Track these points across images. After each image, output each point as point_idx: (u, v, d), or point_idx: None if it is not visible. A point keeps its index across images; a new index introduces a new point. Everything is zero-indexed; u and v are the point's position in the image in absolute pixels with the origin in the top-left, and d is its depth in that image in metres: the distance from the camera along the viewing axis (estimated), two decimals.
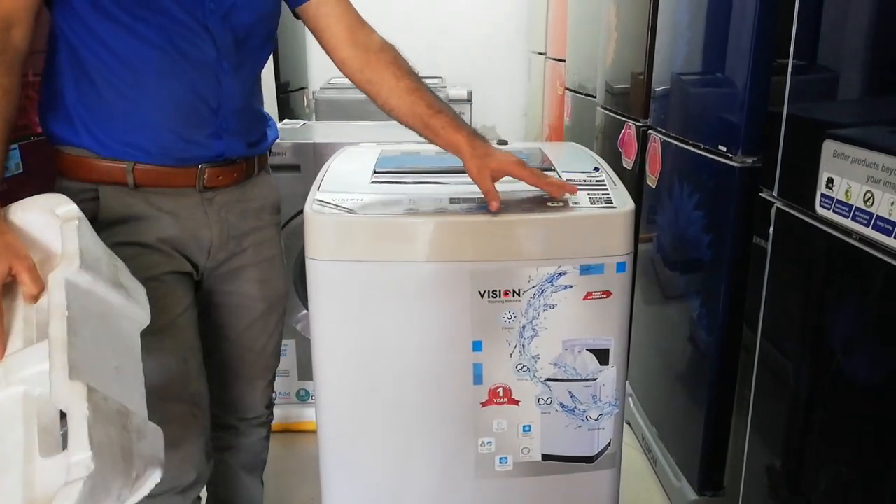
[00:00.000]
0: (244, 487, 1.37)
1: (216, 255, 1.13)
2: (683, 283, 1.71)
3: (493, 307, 1.06)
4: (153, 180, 1.04)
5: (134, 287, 0.94)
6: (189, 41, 1.00)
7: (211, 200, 1.09)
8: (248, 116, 1.12)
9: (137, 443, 0.77)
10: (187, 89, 1.02)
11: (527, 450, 1.13)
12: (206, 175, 1.07)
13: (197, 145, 1.05)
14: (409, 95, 1.11)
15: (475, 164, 1.06)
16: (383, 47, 1.15)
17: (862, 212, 0.95)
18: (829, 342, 1.05)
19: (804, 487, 1.13)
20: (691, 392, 1.67)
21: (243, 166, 1.12)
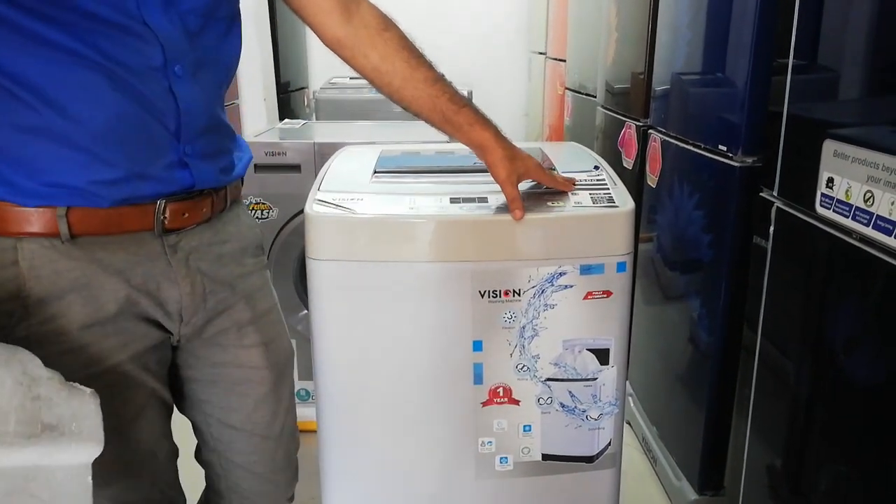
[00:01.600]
0: None
1: (190, 319, 0.87)
2: (684, 282, 1.71)
3: (493, 307, 1.06)
4: (96, 227, 0.77)
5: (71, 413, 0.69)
6: (122, 45, 0.74)
7: (175, 247, 0.83)
8: (218, 134, 0.87)
9: None
10: (130, 109, 0.76)
11: (527, 449, 1.13)
12: (168, 214, 0.80)
13: (154, 180, 0.79)
14: (428, 87, 0.95)
15: (504, 167, 0.96)
16: (385, 24, 0.95)
17: (862, 211, 0.95)
18: (830, 342, 1.05)
19: (804, 487, 1.13)
20: (691, 392, 1.67)
21: (212, 199, 0.86)
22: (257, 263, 0.97)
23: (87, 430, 0.70)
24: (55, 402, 0.68)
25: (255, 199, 1.87)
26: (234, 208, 0.93)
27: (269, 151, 1.85)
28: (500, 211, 1.05)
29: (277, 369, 0.97)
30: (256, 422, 0.95)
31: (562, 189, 1.08)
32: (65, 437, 0.68)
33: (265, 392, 0.95)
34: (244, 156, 0.96)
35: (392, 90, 0.97)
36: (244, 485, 0.98)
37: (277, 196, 1.88)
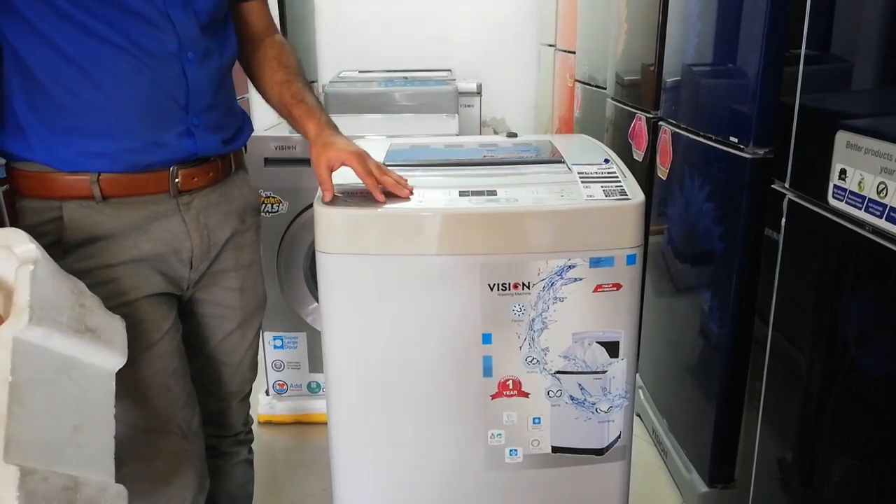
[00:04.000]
0: None
1: (199, 265, 1.05)
2: (694, 275, 1.70)
3: (502, 300, 1.06)
4: (122, 190, 0.95)
5: (106, 326, 0.86)
6: (147, 34, 0.92)
7: (188, 206, 1.01)
8: (221, 111, 1.04)
9: None
10: (150, 87, 0.94)
11: (537, 442, 1.14)
12: (180, 178, 0.98)
13: (167, 148, 0.97)
14: (278, 86, 1.13)
15: (315, 152, 1.08)
16: (273, 44, 1.16)
17: (875, 203, 0.94)
18: (842, 334, 1.05)
19: (816, 480, 1.13)
20: (702, 384, 1.66)
21: (219, 165, 1.05)
22: (254, 223, 1.15)
23: (117, 342, 0.87)
24: (96, 314, 0.85)
25: (266, 193, 1.88)
26: (238, 173, 1.12)
27: (278, 145, 1.85)
28: (510, 204, 1.04)
29: (247, 312, 1.15)
30: (221, 349, 1.14)
31: (371, 190, 1.06)
32: (101, 341, 0.84)
33: (233, 328, 1.13)
34: (246, 129, 1.13)
35: (260, 91, 1.17)
36: (204, 401, 1.14)
37: (287, 190, 1.89)
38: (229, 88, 1.07)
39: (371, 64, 3.58)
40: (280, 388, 2.10)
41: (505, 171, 1.19)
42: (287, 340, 2.04)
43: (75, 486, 0.73)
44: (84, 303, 0.84)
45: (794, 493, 1.21)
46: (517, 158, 1.29)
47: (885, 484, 0.95)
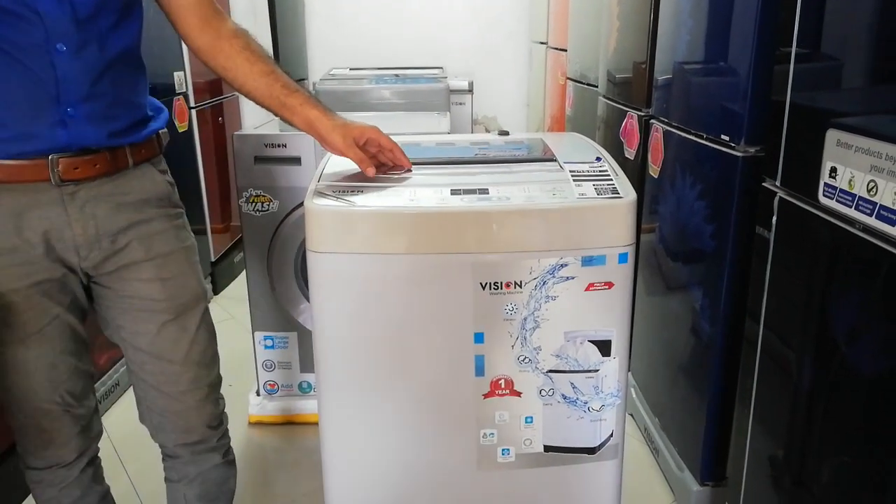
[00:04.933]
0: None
1: (88, 254, 1.04)
2: (686, 273, 1.70)
3: (494, 299, 1.05)
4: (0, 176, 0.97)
5: None
6: (13, 26, 0.93)
7: (73, 195, 1.01)
8: (105, 102, 1.01)
9: None
10: (18, 78, 0.94)
11: (529, 441, 1.13)
12: (61, 167, 0.98)
13: (39, 138, 0.97)
14: (263, 78, 1.10)
15: (339, 134, 1.09)
16: (235, 34, 1.12)
17: (865, 201, 0.95)
18: (833, 332, 1.05)
19: (807, 478, 1.13)
20: (694, 382, 1.67)
21: (107, 157, 1.02)
22: (160, 213, 1.11)
23: None
24: None
25: (256, 192, 1.87)
26: (141, 167, 1.09)
27: (269, 143, 1.84)
28: (502, 202, 1.04)
29: (178, 302, 1.11)
30: (160, 346, 1.11)
31: (401, 157, 1.13)
32: None
33: (166, 320, 1.10)
34: (152, 124, 1.11)
35: (238, 84, 1.12)
36: (157, 402, 1.14)
37: (277, 188, 1.87)
38: (120, 83, 1.04)
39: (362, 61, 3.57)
40: (271, 388, 2.09)
41: (497, 169, 1.19)
42: (278, 340, 2.03)
43: None
44: None
45: (785, 491, 1.22)
46: (509, 157, 1.28)
47: (876, 482, 0.95)
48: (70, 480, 1.17)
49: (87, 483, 1.20)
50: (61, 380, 1.09)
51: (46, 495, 1.17)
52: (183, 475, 1.21)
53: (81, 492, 1.19)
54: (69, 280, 1.06)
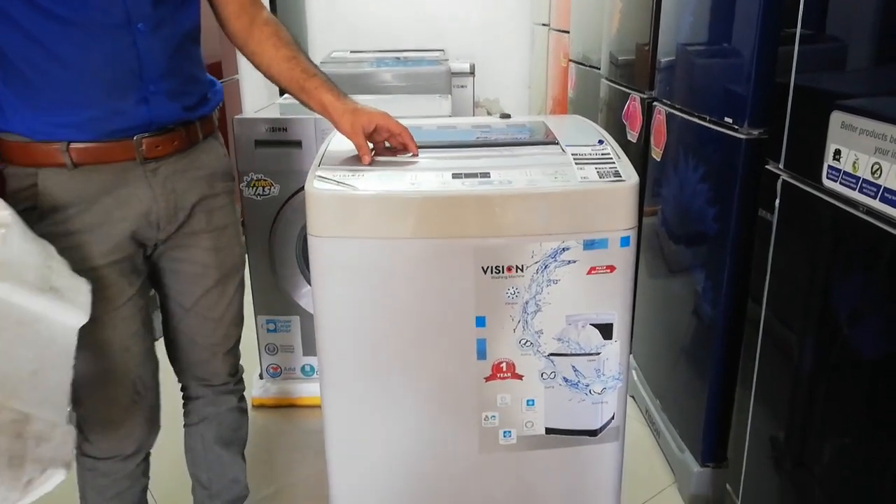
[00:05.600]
0: (223, 464, 1.38)
1: (166, 227, 1.13)
2: (688, 256, 1.70)
3: (496, 283, 1.05)
4: (91, 158, 1.03)
5: (71, 286, 0.94)
6: (96, 7, 0.98)
7: (155, 172, 1.08)
8: (179, 79, 1.09)
9: (35, 449, 0.83)
10: (104, 58, 1.00)
11: (530, 423, 1.14)
12: (144, 146, 1.05)
13: (126, 115, 1.03)
14: (286, 63, 1.16)
15: (347, 120, 1.12)
16: (267, 22, 1.19)
17: (869, 184, 0.94)
18: (835, 315, 1.05)
19: (807, 459, 1.14)
20: (695, 365, 1.67)
21: (183, 133, 1.11)
22: (224, 188, 1.21)
23: (81, 302, 0.96)
24: (62, 276, 0.94)
25: (256, 176, 1.86)
26: (208, 140, 1.18)
27: (269, 127, 1.83)
28: (503, 186, 1.04)
29: (223, 270, 1.22)
30: (202, 305, 1.22)
31: (409, 141, 1.15)
32: (65, 299, 0.92)
33: (211, 285, 1.22)
34: (213, 98, 1.19)
35: (264, 68, 1.19)
36: (190, 350, 1.26)
37: (278, 172, 1.87)
38: (189, 58, 1.12)
39: (362, 44, 3.54)
40: (274, 371, 2.10)
41: (498, 152, 1.18)
42: (280, 324, 2.04)
43: (25, 420, 0.82)
44: (51, 265, 0.93)
45: (785, 472, 1.23)
46: (511, 140, 1.27)
47: (877, 463, 0.96)
48: (124, 473, 1.22)
49: (137, 476, 1.25)
50: (134, 364, 1.14)
51: (96, 483, 1.21)
52: (202, 416, 1.33)
53: (130, 484, 1.24)
54: (139, 260, 1.14)
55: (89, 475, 1.21)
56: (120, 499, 1.24)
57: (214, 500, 1.40)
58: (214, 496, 1.40)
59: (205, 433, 1.35)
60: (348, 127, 1.13)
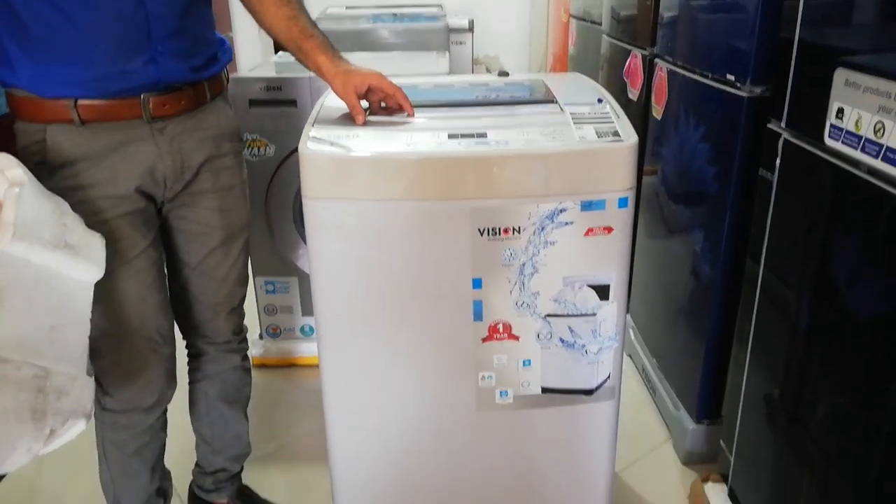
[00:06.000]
0: (226, 421, 1.41)
1: (172, 185, 1.14)
2: (687, 216, 1.69)
3: (492, 245, 1.05)
4: (99, 115, 1.04)
5: (85, 243, 0.96)
6: None
7: (162, 131, 1.09)
8: (188, 39, 1.09)
9: (56, 402, 0.86)
10: (112, 17, 1.00)
11: (527, 383, 1.15)
12: (152, 105, 1.06)
13: (133, 74, 1.04)
14: (285, 21, 1.16)
15: (339, 81, 1.12)
16: None
17: (871, 143, 0.93)
18: (833, 275, 1.05)
19: (802, 416, 1.15)
20: (692, 324, 1.68)
21: (191, 93, 1.11)
22: (231, 148, 1.22)
23: (95, 258, 0.98)
24: (76, 232, 0.96)
25: (252, 136, 1.84)
26: (217, 101, 1.19)
27: (264, 86, 1.80)
28: (500, 147, 1.02)
29: (228, 231, 1.24)
30: (207, 264, 1.25)
31: (404, 101, 1.14)
32: (79, 255, 0.94)
33: (216, 245, 1.24)
34: (222, 58, 1.20)
35: (266, 26, 1.20)
36: (195, 309, 1.29)
37: (274, 132, 1.85)
38: (199, 18, 1.12)
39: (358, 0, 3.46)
40: (273, 332, 2.12)
41: (496, 112, 1.16)
42: (279, 285, 2.04)
43: (45, 375, 0.85)
44: (66, 222, 0.94)
45: (779, 428, 1.24)
46: (509, 99, 1.25)
47: (870, 421, 0.97)
48: (144, 427, 1.24)
49: (156, 431, 1.28)
50: (150, 315, 1.16)
51: (116, 437, 1.24)
52: (206, 374, 1.36)
53: (149, 438, 1.27)
54: (151, 214, 1.15)
55: (109, 430, 1.24)
56: (140, 454, 1.26)
57: (217, 455, 1.43)
58: (217, 452, 1.43)
59: (208, 391, 1.38)
60: (341, 88, 1.12)
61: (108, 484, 1.29)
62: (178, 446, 1.47)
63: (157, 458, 1.31)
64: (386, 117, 1.14)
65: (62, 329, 0.91)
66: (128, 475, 1.28)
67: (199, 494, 1.49)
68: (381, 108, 1.17)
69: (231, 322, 1.33)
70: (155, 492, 1.32)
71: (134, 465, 1.27)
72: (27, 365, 0.83)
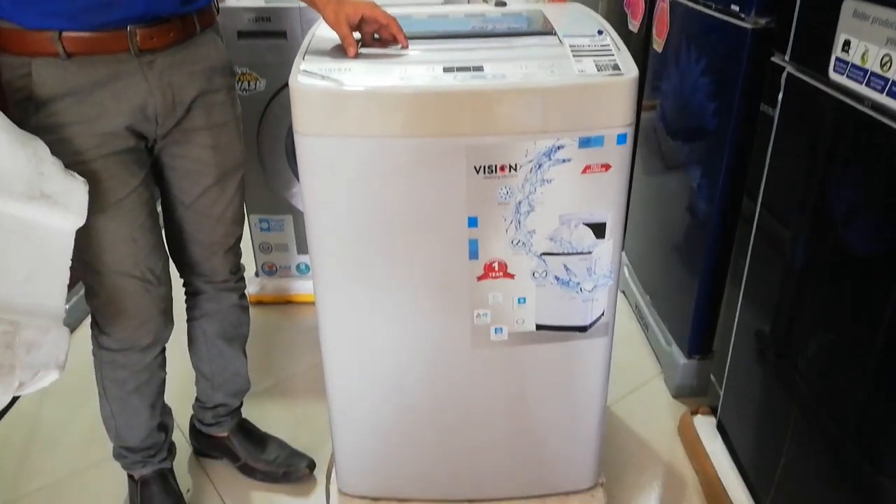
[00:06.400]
0: (225, 358, 1.43)
1: (164, 122, 1.12)
2: (685, 152, 1.67)
3: (488, 183, 1.03)
4: (84, 48, 1.00)
5: (64, 190, 0.94)
6: None
7: (151, 65, 1.06)
8: None
9: (26, 356, 0.85)
10: None
11: (521, 320, 1.16)
12: (139, 37, 1.03)
13: (119, 6, 1.00)
14: None
15: (331, 11, 1.08)
16: None
17: (877, 77, 0.90)
18: (830, 212, 1.04)
19: (791, 352, 1.17)
20: (687, 261, 1.69)
21: (179, 25, 1.08)
22: (224, 83, 1.19)
23: (75, 206, 0.96)
24: (55, 180, 0.92)
25: (241, 70, 1.79)
26: (207, 34, 1.15)
27: (253, 17, 1.74)
28: (496, 81, 0.99)
29: (223, 168, 1.22)
30: (202, 203, 1.23)
31: (398, 33, 1.10)
32: (57, 205, 0.92)
33: (210, 183, 1.22)
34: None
35: None
36: (191, 249, 1.29)
37: (264, 66, 1.80)
38: None
39: None
40: (269, 269, 2.12)
41: (493, 44, 1.12)
42: (273, 223, 2.03)
43: (14, 330, 0.84)
44: (43, 170, 0.91)
45: (769, 364, 1.27)
46: (506, 30, 1.21)
47: (859, 356, 0.98)
48: (142, 366, 1.26)
49: (155, 369, 1.30)
50: (142, 255, 1.15)
51: (115, 375, 1.26)
52: (204, 312, 1.37)
53: (149, 376, 1.29)
54: (142, 153, 1.13)
55: (108, 368, 1.25)
56: (139, 392, 1.28)
57: (217, 391, 1.46)
58: (217, 388, 1.45)
59: (207, 328, 1.39)
60: (332, 18, 1.08)
61: (109, 419, 1.31)
62: (178, 381, 1.50)
63: (157, 395, 1.33)
64: (379, 49, 1.11)
65: (37, 280, 0.90)
66: (128, 412, 1.30)
67: (199, 428, 1.52)
68: (374, 39, 1.13)
69: (228, 261, 1.33)
70: (156, 427, 1.35)
71: (134, 402, 1.29)
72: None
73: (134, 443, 1.34)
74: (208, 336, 1.39)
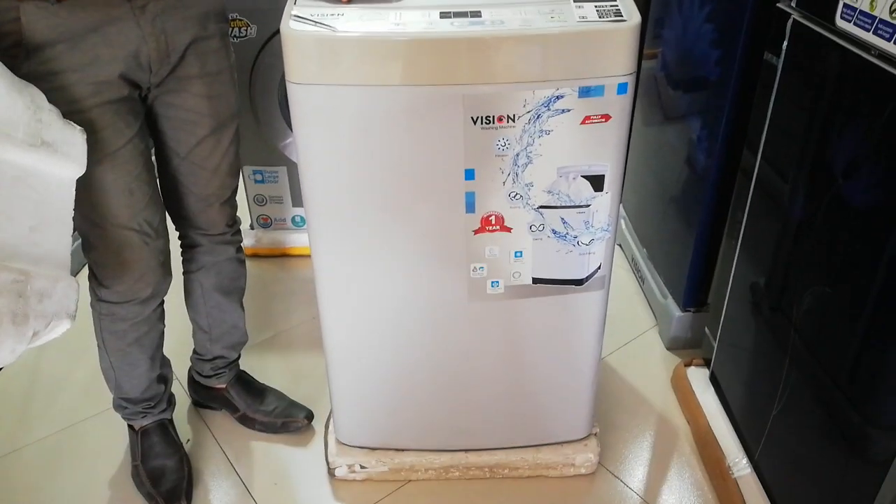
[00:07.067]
0: (222, 311, 1.43)
1: (158, 70, 1.09)
2: (686, 102, 1.64)
3: (486, 134, 1.01)
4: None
5: (64, 138, 0.92)
6: None
7: (143, 9, 1.03)
8: None
9: (38, 305, 0.85)
10: None
11: (518, 274, 1.15)
12: None
13: None
14: None
15: None
16: None
17: (886, 24, 0.88)
18: (831, 165, 1.03)
19: (785, 305, 1.17)
20: (684, 214, 1.68)
21: None
22: (218, 30, 1.16)
23: (75, 154, 0.95)
24: (53, 128, 0.91)
25: (232, 15, 1.73)
26: None
27: None
28: (495, 27, 0.96)
29: (218, 119, 1.20)
30: (197, 154, 1.22)
31: None
32: (58, 153, 0.91)
33: (205, 134, 1.20)
34: None
35: None
36: (187, 201, 1.28)
37: (255, 11, 1.74)
38: None
39: None
40: (264, 222, 2.10)
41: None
42: (267, 175, 2.01)
43: (25, 279, 0.84)
44: (41, 117, 0.89)
45: (764, 316, 1.27)
46: None
47: (853, 310, 0.99)
48: (142, 318, 1.26)
49: (154, 322, 1.30)
50: (139, 207, 1.14)
51: (114, 328, 1.26)
52: (200, 265, 1.36)
53: (148, 328, 1.29)
54: (136, 103, 1.11)
55: (107, 320, 1.25)
56: (139, 343, 1.29)
57: (215, 344, 1.46)
58: (215, 340, 1.46)
59: (203, 281, 1.38)
60: None
61: (109, 371, 1.32)
62: (176, 333, 1.50)
63: (156, 347, 1.33)
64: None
65: (42, 230, 0.89)
66: (127, 364, 1.31)
67: (198, 380, 1.53)
68: None
69: (224, 214, 1.32)
70: (156, 378, 1.36)
71: (133, 354, 1.29)
72: (6, 269, 0.81)
73: (134, 394, 1.35)
74: (205, 289, 1.39)
